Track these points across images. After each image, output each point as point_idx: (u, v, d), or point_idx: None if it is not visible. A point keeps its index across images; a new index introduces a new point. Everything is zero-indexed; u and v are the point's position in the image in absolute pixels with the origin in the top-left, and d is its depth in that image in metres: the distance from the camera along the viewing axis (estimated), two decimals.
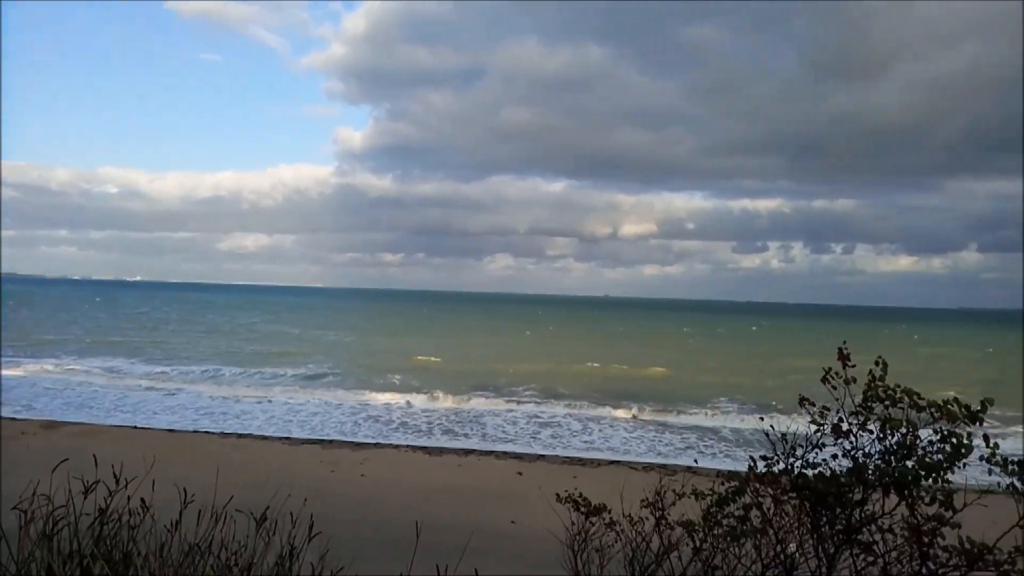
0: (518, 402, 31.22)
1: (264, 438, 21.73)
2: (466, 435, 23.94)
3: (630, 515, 5.92)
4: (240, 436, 21.77)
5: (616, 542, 5.92)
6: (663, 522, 5.77)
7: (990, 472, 3.73)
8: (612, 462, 19.95)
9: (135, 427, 22.62)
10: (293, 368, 40.79)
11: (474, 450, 21.07)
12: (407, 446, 21.24)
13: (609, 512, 6.07)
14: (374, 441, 22.13)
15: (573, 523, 6.11)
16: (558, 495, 6.17)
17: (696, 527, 5.26)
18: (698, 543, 5.20)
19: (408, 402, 30.24)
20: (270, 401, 29.76)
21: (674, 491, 5.81)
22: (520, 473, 17.65)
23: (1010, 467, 3.64)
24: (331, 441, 21.60)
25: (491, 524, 11.94)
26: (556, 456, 20.62)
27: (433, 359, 46.67)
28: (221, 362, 42.43)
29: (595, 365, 46.39)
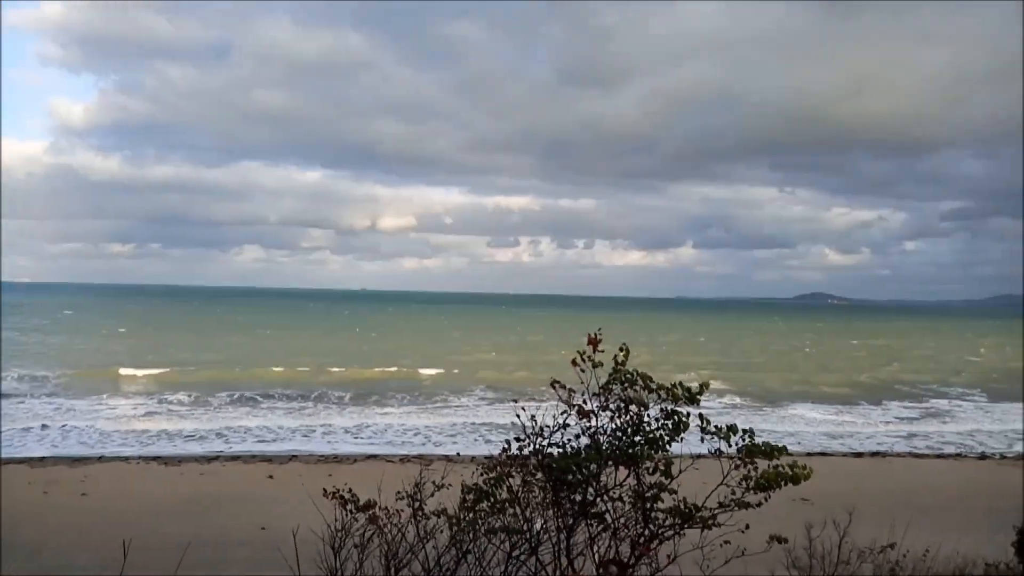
0: (275, 404, 29.62)
1: None
2: (214, 440, 22.16)
3: (387, 507, 5.87)
4: None
5: (375, 536, 5.84)
6: (420, 512, 5.80)
7: (702, 440, 4.27)
8: (369, 456, 19.75)
9: None
10: None
11: (219, 455, 19.58)
12: (139, 457, 19.10)
13: (370, 507, 5.96)
14: (98, 454, 19.58)
15: (336, 519, 5.93)
16: (325, 491, 5.92)
17: (451, 516, 5.35)
18: (453, 531, 5.30)
19: (143, 408, 27.25)
20: None
21: (433, 482, 5.88)
22: (271, 476, 16.77)
23: (721, 431, 4.22)
24: (43, 459, 18.69)
25: (236, 533, 11.17)
26: (310, 455, 19.91)
27: (172, 359, 42.57)
28: None
29: (357, 364, 45.28)
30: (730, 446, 4.21)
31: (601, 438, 4.81)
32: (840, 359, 61.64)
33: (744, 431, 4.23)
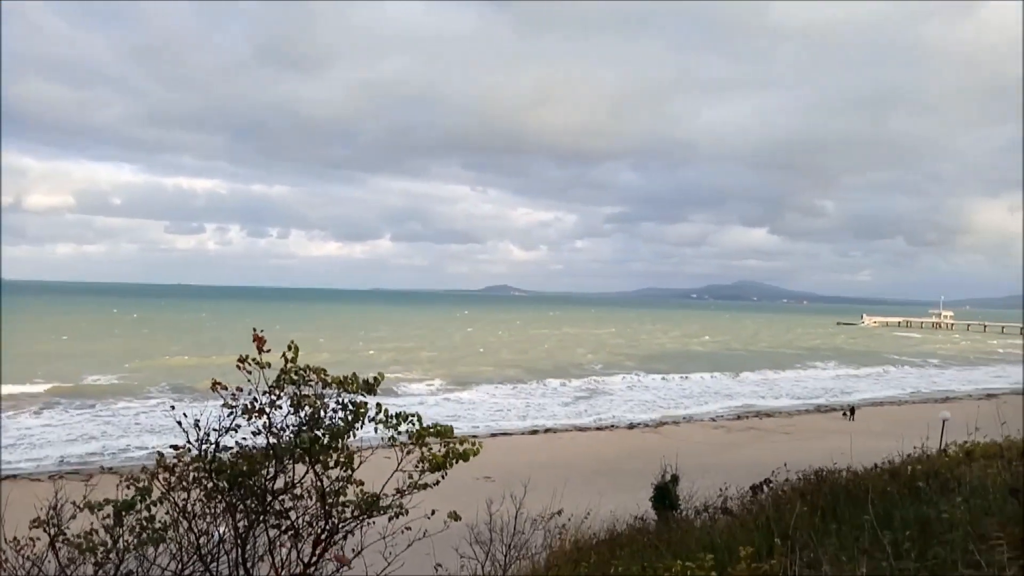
0: None
1: None
2: None
3: (16, 538, 4.93)
4: None
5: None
6: (60, 538, 4.97)
7: (375, 429, 4.26)
8: (8, 477, 16.60)
9: None
10: None
11: None
12: None
13: None
14: None
15: None
16: None
17: (97, 539, 4.65)
18: (98, 556, 4.60)
19: None
20: None
21: (73, 502, 5.06)
22: None
23: (391, 419, 4.24)
24: None
25: None
26: None
27: None
28: None
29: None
30: (399, 433, 4.27)
31: (283, 435, 4.57)
32: (525, 346, 67.66)
33: (411, 415, 4.32)
